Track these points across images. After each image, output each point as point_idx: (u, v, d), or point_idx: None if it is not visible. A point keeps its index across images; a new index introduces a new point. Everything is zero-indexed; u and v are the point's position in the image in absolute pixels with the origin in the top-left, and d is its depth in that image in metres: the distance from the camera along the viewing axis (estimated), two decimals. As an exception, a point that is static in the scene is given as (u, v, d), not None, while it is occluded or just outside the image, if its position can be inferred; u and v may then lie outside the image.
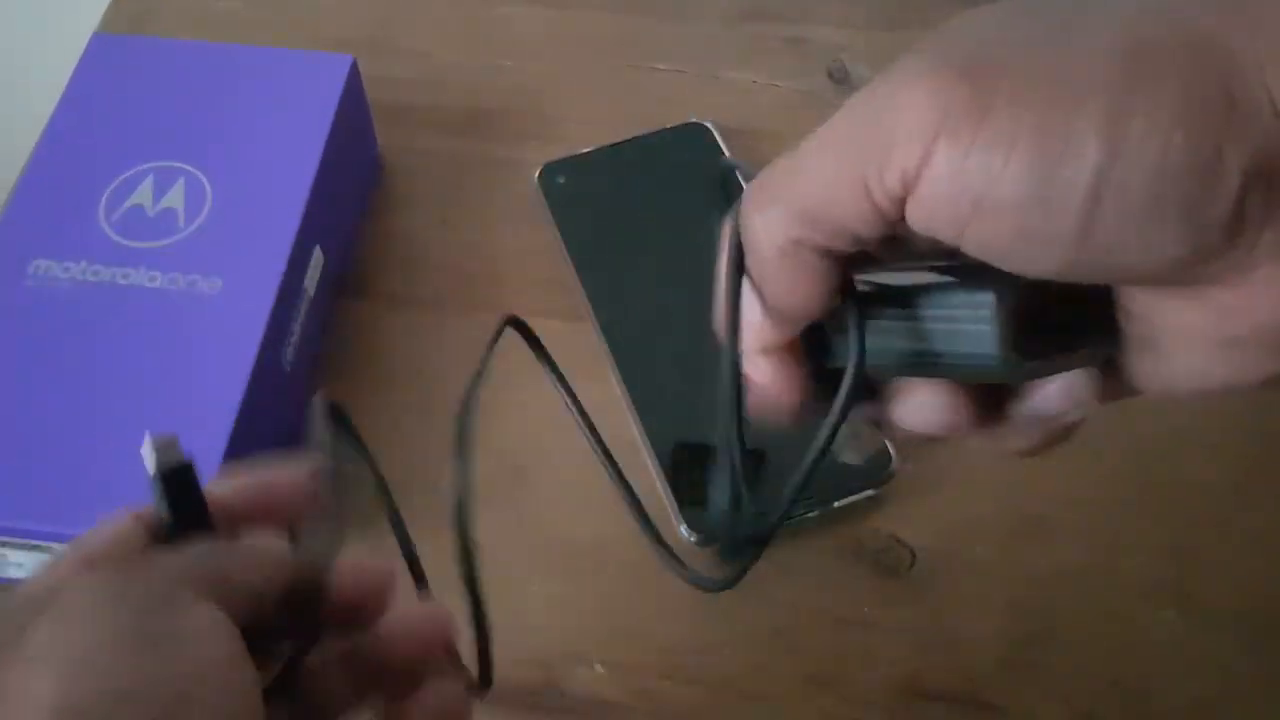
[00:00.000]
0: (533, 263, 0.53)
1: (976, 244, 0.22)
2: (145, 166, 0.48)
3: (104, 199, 0.47)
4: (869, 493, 0.45)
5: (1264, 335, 0.21)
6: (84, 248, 0.46)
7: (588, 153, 0.55)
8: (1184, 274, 0.21)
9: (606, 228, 0.52)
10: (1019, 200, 0.20)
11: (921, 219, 0.22)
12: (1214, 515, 0.46)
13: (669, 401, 0.47)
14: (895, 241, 0.24)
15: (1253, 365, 0.22)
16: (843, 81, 0.58)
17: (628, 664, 0.43)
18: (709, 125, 0.55)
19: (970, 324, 0.23)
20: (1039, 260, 0.21)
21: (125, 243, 0.46)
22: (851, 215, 0.23)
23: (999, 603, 0.44)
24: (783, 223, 0.24)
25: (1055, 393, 0.25)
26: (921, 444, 0.30)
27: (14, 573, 0.42)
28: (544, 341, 0.32)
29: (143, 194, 0.47)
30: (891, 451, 0.45)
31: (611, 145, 0.55)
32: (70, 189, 0.47)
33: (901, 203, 0.22)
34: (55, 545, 0.41)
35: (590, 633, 0.43)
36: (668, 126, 0.55)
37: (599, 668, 0.43)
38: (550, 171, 0.54)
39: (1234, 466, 0.46)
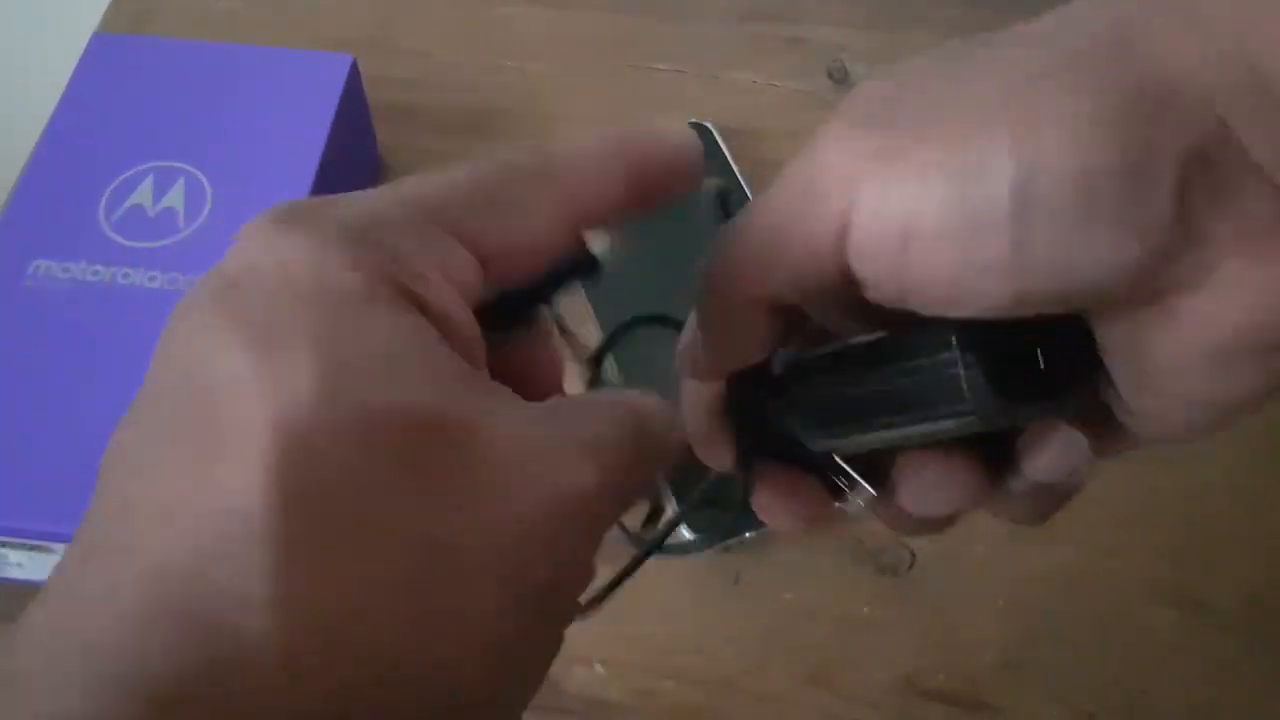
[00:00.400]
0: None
1: (919, 288, 0.21)
2: (145, 166, 0.48)
3: (104, 199, 0.47)
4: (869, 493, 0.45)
5: (1248, 337, 0.20)
6: (84, 248, 0.46)
7: None
8: (1142, 285, 0.20)
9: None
10: (944, 229, 0.20)
11: (862, 268, 0.22)
12: (1214, 515, 0.46)
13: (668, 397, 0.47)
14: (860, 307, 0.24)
15: (1251, 373, 0.21)
16: (843, 81, 0.58)
17: (628, 664, 0.43)
18: (709, 125, 0.55)
19: (935, 370, 0.22)
20: (986, 293, 0.21)
21: (125, 243, 0.46)
22: (803, 272, 0.23)
23: (999, 603, 0.44)
24: (739, 278, 0.24)
25: (1050, 458, 0.24)
26: (941, 533, 0.29)
27: (14, 573, 0.42)
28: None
29: (143, 194, 0.48)
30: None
31: None
32: (70, 189, 0.48)
33: (843, 254, 0.22)
34: (55, 545, 0.41)
35: (590, 633, 0.43)
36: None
37: (599, 668, 0.43)
38: None
39: (1234, 466, 0.46)
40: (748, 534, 0.44)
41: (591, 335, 0.49)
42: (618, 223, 0.23)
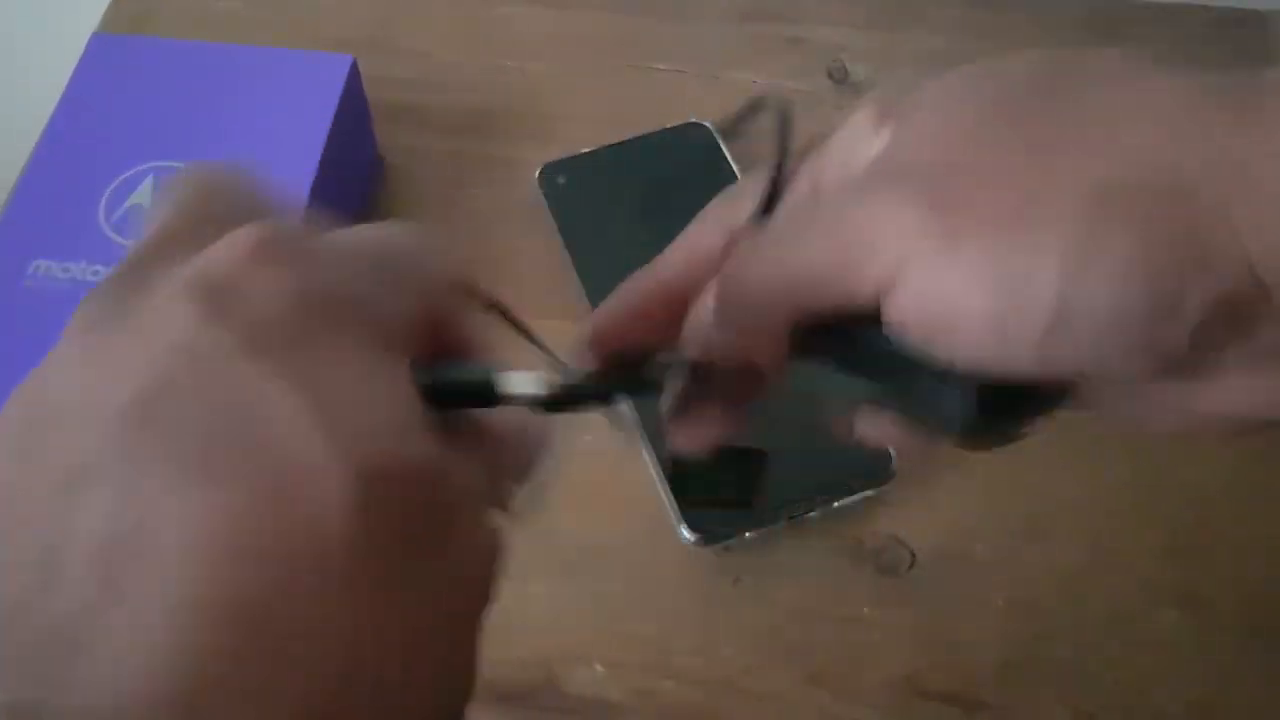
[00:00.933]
0: (533, 263, 0.52)
1: (948, 349, 0.23)
2: (145, 166, 0.48)
3: (104, 199, 0.47)
4: (869, 493, 0.45)
5: (1234, 421, 0.23)
6: (84, 248, 0.46)
7: (588, 153, 0.55)
8: (1150, 382, 0.22)
9: (606, 228, 0.52)
10: (987, 314, 0.21)
11: (898, 321, 0.23)
12: (1214, 515, 0.46)
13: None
14: None
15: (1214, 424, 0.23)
16: (842, 81, 0.59)
17: (628, 664, 0.43)
18: (709, 125, 0.55)
19: (934, 381, 0.24)
20: (1012, 367, 0.22)
21: (126, 243, 0.46)
22: (833, 308, 0.24)
23: (998, 603, 0.44)
24: (769, 303, 0.25)
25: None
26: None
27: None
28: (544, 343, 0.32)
29: (143, 194, 0.48)
30: (891, 452, 0.45)
31: (611, 145, 0.55)
32: (70, 189, 0.48)
33: (879, 303, 0.23)
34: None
35: (590, 633, 0.43)
36: (668, 126, 0.55)
37: (599, 668, 0.43)
38: (550, 171, 0.54)
39: (1234, 467, 0.47)
40: (748, 534, 0.44)
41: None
42: None
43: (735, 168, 0.54)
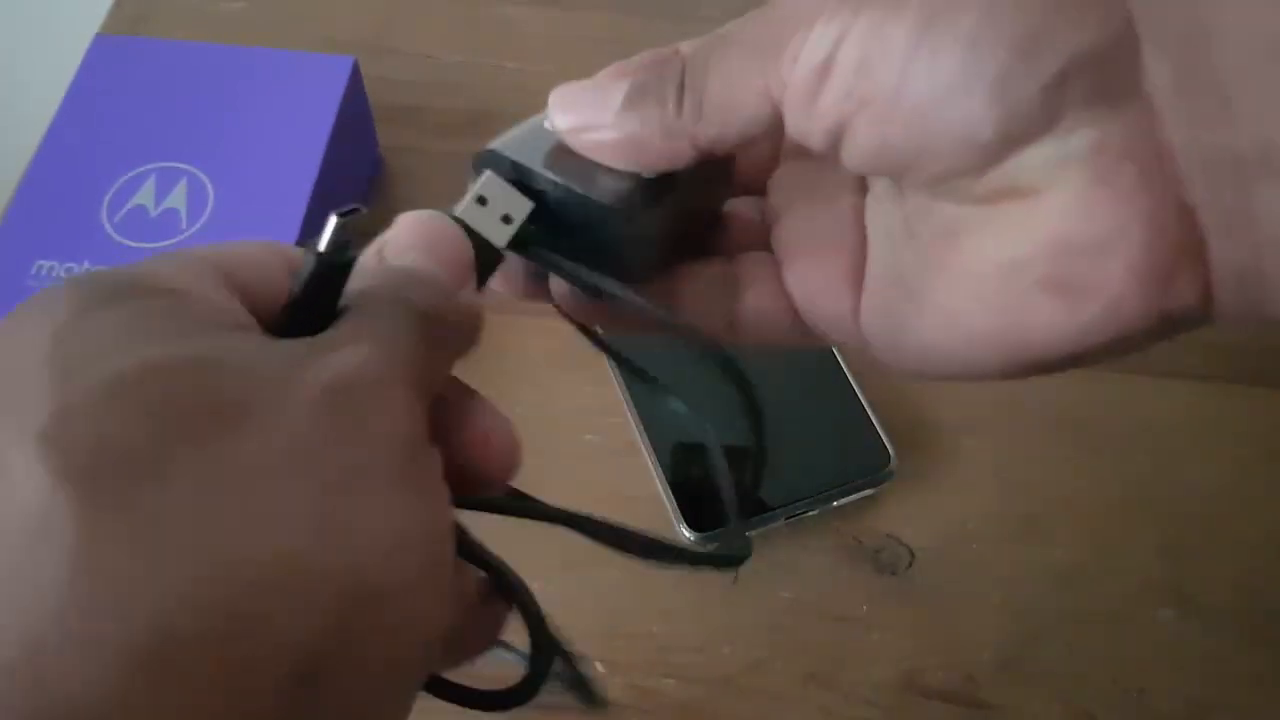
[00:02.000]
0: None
1: (832, 119, 0.22)
2: (148, 167, 0.48)
3: (107, 199, 0.47)
4: (868, 492, 0.45)
5: (1045, 255, 0.20)
6: (87, 248, 0.46)
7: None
8: (987, 166, 0.20)
9: None
10: (849, 64, 0.21)
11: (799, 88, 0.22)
12: (1213, 515, 0.46)
13: (669, 402, 0.47)
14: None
15: (1014, 312, 0.21)
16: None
17: (628, 664, 0.43)
18: None
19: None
20: (857, 131, 0.21)
21: (128, 243, 0.46)
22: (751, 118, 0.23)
23: (997, 602, 0.44)
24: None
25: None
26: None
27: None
28: (544, 343, 0.32)
29: (145, 195, 0.48)
30: (890, 451, 0.46)
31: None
32: (73, 190, 0.48)
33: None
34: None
35: (590, 633, 0.43)
36: None
37: (599, 667, 0.43)
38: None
39: (1233, 466, 0.47)
40: (748, 534, 0.45)
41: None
42: None
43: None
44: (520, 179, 0.26)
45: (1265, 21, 0.18)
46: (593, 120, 0.24)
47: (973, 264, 0.22)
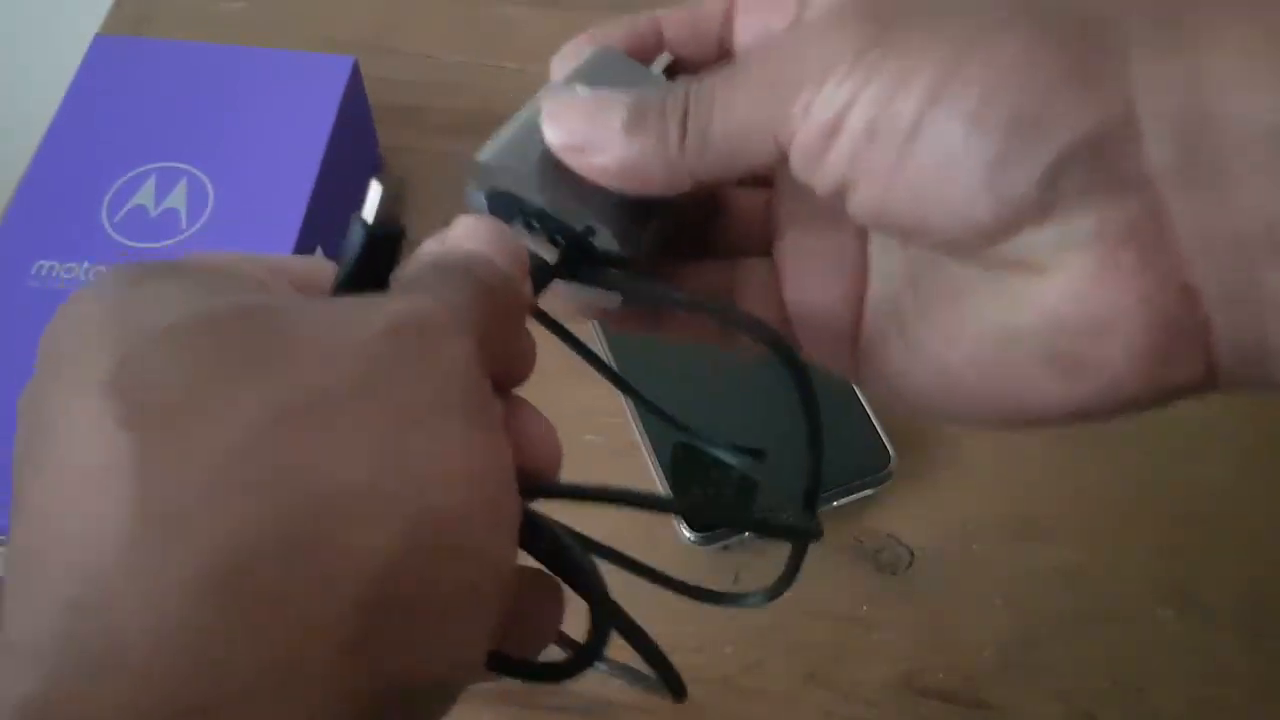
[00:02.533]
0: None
1: (814, 167, 0.22)
2: (148, 167, 0.48)
3: (107, 200, 0.47)
4: (868, 492, 0.45)
5: (1044, 330, 0.21)
6: (87, 248, 0.46)
7: None
8: (985, 245, 0.21)
9: None
10: (857, 128, 0.21)
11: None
12: (1214, 515, 0.46)
13: (669, 402, 0.47)
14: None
15: (1012, 379, 0.21)
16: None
17: (628, 663, 0.43)
18: None
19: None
20: (861, 192, 0.21)
21: (128, 243, 0.46)
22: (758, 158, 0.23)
23: (997, 602, 0.44)
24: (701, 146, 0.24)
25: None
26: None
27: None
28: (543, 342, 0.32)
29: (145, 195, 0.48)
30: (890, 451, 0.46)
31: None
32: (73, 190, 0.48)
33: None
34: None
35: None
36: None
37: (599, 667, 0.43)
38: None
39: (1234, 466, 0.47)
40: (747, 534, 0.45)
41: (593, 335, 0.50)
42: None
43: None
44: (513, 202, 0.26)
45: (1268, 104, 0.18)
46: (589, 141, 0.24)
47: (972, 326, 0.22)
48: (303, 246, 0.46)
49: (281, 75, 0.51)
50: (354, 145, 0.53)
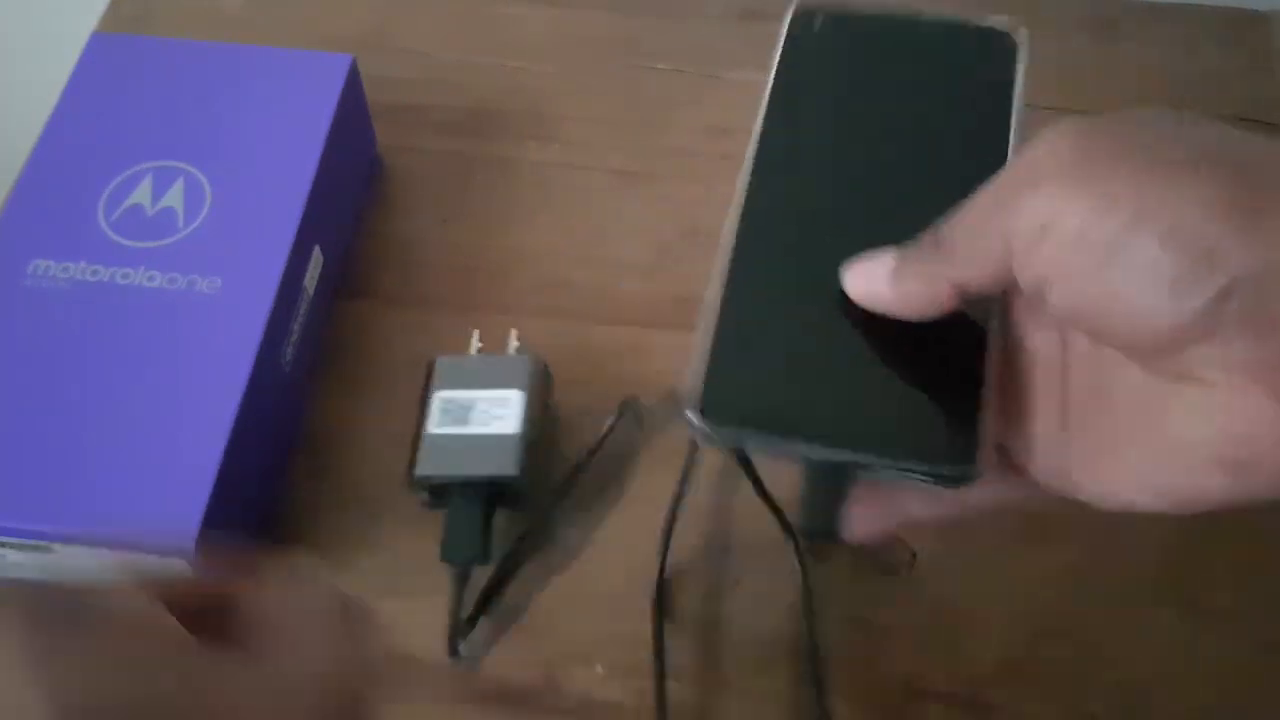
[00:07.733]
0: (533, 263, 0.53)
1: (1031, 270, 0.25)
2: (144, 166, 0.48)
3: (103, 199, 0.47)
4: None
5: (1217, 438, 0.24)
6: (83, 247, 0.46)
7: (866, 11, 0.41)
8: (1163, 353, 0.24)
9: (830, 104, 0.39)
10: (1067, 234, 0.24)
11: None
12: (1214, 515, 0.45)
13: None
14: None
15: (1189, 475, 0.25)
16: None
17: (628, 664, 0.43)
18: (1020, 39, 0.36)
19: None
20: (1062, 288, 0.25)
21: (124, 242, 0.46)
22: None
23: (999, 603, 0.44)
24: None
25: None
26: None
27: (14, 573, 0.42)
28: (542, 343, 0.32)
29: (142, 194, 0.47)
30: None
31: (897, 15, 0.39)
32: (69, 189, 0.47)
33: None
34: (55, 545, 0.41)
35: (590, 633, 0.43)
36: (973, 20, 0.37)
37: (599, 668, 0.43)
38: (808, 13, 0.42)
39: (1234, 466, 0.46)
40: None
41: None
42: None
43: (1015, 109, 0.34)
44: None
45: None
46: (871, 286, 0.28)
47: (1156, 434, 0.25)
48: (300, 245, 0.46)
49: (279, 74, 0.51)
50: (352, 144, 0.53)
